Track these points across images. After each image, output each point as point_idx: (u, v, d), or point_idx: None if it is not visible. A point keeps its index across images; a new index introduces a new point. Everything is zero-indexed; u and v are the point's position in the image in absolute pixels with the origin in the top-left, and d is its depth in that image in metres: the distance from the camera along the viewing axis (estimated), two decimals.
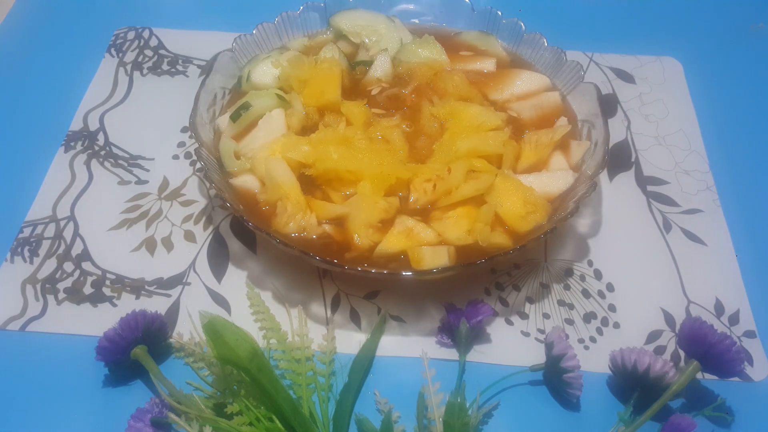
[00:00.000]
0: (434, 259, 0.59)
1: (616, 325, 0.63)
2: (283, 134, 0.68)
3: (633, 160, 0.76)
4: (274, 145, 0.66)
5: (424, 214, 0.63)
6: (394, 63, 0.75)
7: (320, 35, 0.79)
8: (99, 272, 0.65)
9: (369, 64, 0.74)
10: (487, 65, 0.76)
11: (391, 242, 0.61)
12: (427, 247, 0.60)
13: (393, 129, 0.68)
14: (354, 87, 0.74)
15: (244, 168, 0.66)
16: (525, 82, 0.74)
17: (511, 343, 0.62)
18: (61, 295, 0.64)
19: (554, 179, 0.66)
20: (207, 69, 0.73)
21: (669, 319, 0.63)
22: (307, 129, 0.69)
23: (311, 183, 0.65)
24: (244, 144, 0.68)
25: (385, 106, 0.71)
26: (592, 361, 0.60)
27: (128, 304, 0.63)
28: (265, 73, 0.73)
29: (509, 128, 0.68)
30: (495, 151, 0.66)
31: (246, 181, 0.65)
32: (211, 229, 0.69)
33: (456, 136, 0.66)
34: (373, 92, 0.73)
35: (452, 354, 0.60)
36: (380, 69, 0.74)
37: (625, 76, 0.85)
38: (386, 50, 0.75)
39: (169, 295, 0.64)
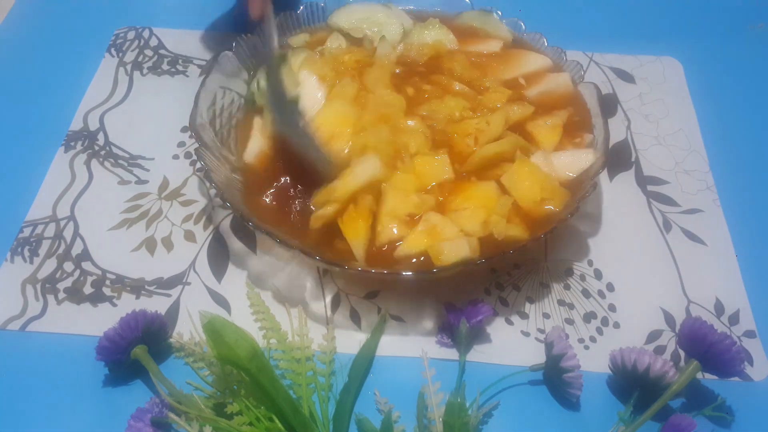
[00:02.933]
0: (454, 251, 0.58)
1: (616, 325, 0.63)
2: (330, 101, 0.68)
3: (633, 159, 0.76)
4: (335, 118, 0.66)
5: (443, 205, 0.62)
6: (396, 48, 0.75)
7: (320, 31, 0.79)
8: (99, 272, 0.65)
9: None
10: (492, 46, 0.76)
11: (413, 242, 0.60)
12: (447, 242, 0.59)
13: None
14: None
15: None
16: (530, 63, 0.74)
17: (511, 343, 0.62)
18: (61, 295, 0.64)
19: (576, 158, 0.66)
20: (207, 69, 0.73)
21: (669, 319, 0.63)
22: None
23: None
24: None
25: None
26: (592, 361, 0.60)
27: (128, 304, 0.63)
28: None
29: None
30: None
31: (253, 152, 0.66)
32: (211, 228, 0.69)
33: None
34: None
35: (452, 354, 0.60)
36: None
37: (625, 76, 0.85)
38: (384, 37, 0.75)
39: (169, 295, 0.64)
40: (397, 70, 0.74)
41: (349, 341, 0.61)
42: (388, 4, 0.79)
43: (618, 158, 0.76)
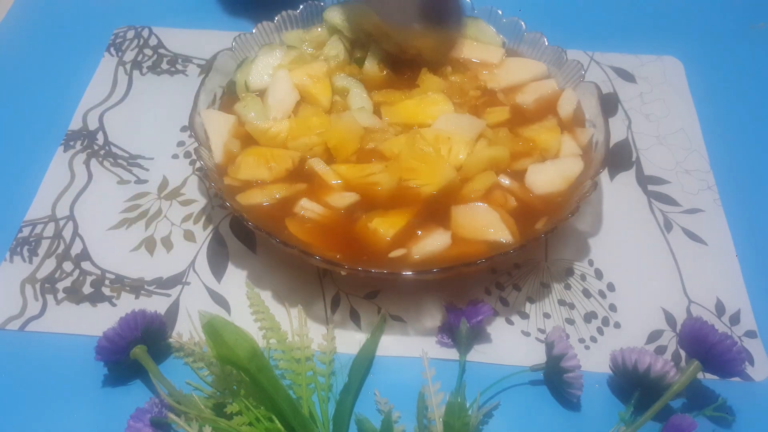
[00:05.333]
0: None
1: (617, 325, 0.63)
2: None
3: (634, 159, 0.76)
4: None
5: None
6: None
7: (315, 29, 0.78)
8: (98, 272, 0.65)
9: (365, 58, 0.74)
10: (492, 56, 0.76)
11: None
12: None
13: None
14: None
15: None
16: (522, 70, 0.74)
17: (511, 343, 0.61)
18: (61, 295, 0.64)
19: (565, 166, 0.66)
20: (207, 68, 0.73)
21: (670, 319, 0.63)
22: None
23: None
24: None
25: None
26: (593, 361, 0.60)
27: (128, 304, 0.63)
28: (262, 75, 0.73)
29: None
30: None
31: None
32: (210, 228, 0.69)
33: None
34: None
35: (452, 354, 0.60)
36: (376, 60, 0.74)
37: (626, 75, 0.84)
38: (377, 44, 0.75)
39: (168, 295, 0.64)
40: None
41: (349, 341, 0.61)
42: None
43: (619, 158, 0.76)
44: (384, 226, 0.60)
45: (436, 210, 0.63)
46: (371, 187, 0.64)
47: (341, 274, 0.64)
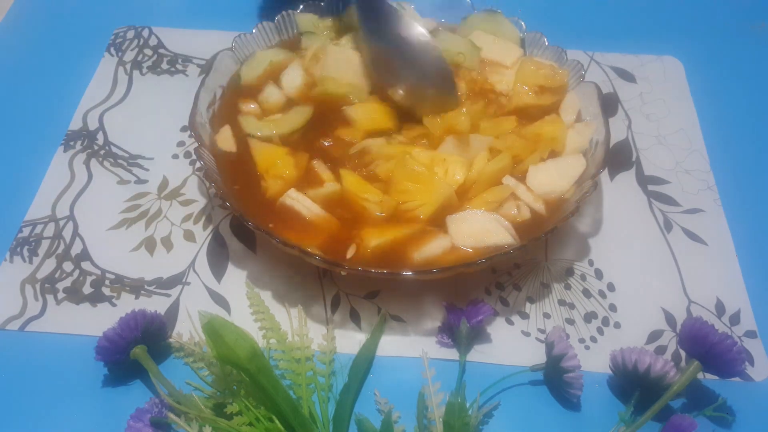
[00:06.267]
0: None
1: (617, 325, 0.63)
2: None
3: (634, 159, 0.76)
4: None
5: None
6: None
7: (327, 19, 0.77)
8: (98, 272, 0.65)
9: None
10: (506, 57, 0.74)
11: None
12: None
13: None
14: None
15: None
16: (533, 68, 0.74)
17: (511, 343, 0.61)
18: (61, 295, 0.64)
19: (568, 165, 0.65)
20: (207, 68, 0.73)
21: (670, 319, 0.63)
22: None
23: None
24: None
25: None
26: (593, 361, 0.60)
27: (128, 304, 0.63)
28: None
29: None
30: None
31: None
32: (210, 228, 0.69)
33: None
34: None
35: (452, 354, 0.60)
36: None
37: (626, 75, 0.84)
38: None
39: (168, 295, 0.64)
40: None
41: (349, 341, 0.61)
42: (402, 4, 0.78)
43: (619, 158, 0.76)
44: (368, 237, 0.60)
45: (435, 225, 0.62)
46: (363, 209, 0.63)
47: (341, 274, 0.63)
